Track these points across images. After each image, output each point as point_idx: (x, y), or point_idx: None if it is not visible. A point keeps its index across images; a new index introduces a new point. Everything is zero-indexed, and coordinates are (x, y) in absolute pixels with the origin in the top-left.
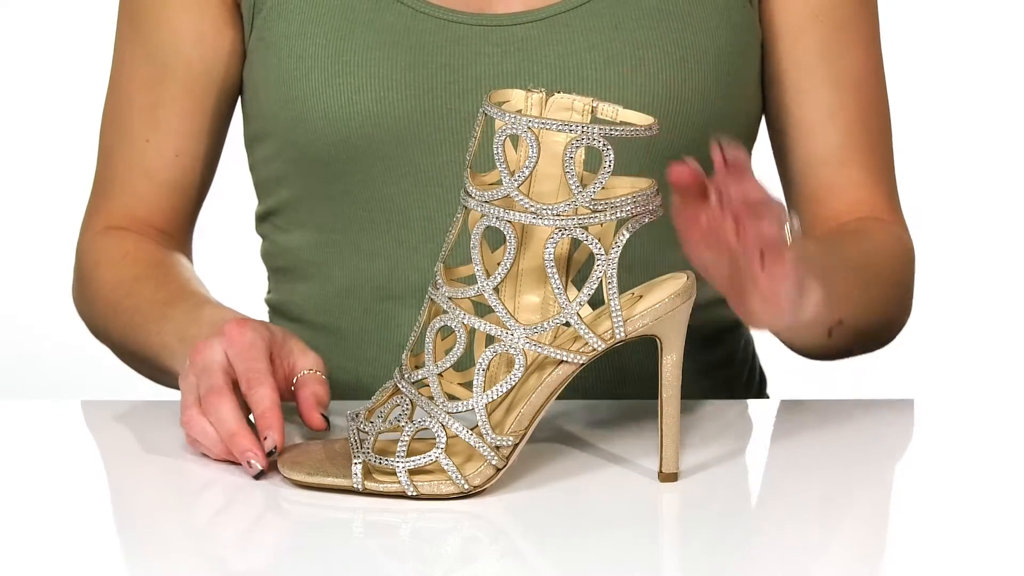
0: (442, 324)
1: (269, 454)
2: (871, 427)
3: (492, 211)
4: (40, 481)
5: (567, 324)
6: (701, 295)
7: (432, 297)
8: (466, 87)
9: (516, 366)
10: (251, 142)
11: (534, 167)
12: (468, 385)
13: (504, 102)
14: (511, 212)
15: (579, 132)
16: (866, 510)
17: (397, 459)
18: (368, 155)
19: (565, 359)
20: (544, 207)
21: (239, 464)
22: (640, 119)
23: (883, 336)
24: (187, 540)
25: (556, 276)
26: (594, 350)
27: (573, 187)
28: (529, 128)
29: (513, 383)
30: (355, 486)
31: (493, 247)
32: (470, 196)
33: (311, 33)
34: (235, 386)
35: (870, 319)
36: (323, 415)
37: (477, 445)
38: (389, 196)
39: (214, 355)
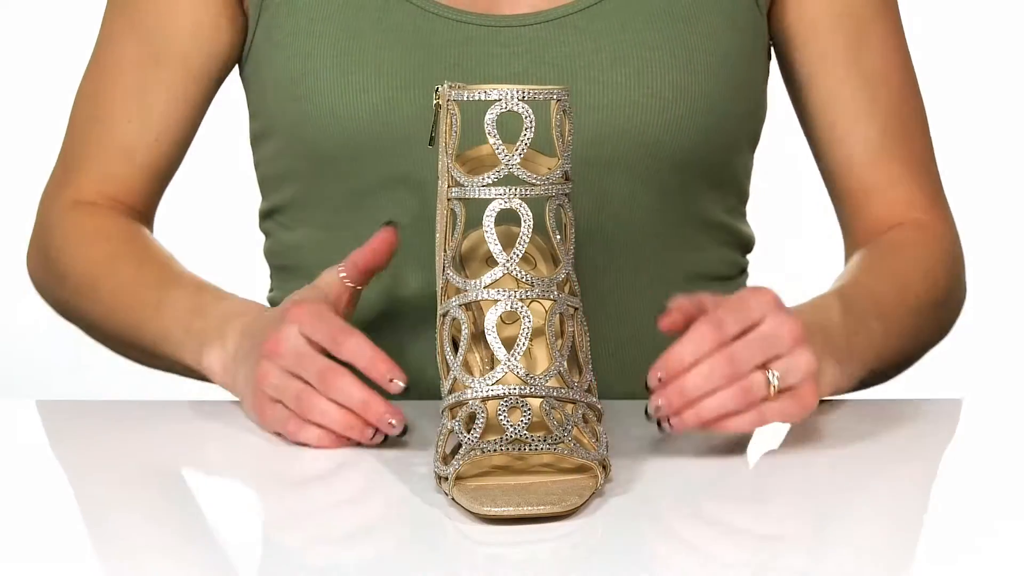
0: (561, 311)
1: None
2: (918, 426)
3: (501, 192)
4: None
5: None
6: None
7: (526, 297)
8: None
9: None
10: (256, 139)
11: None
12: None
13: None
14: (520, 188)
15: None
16: (904, 511)
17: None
18: (375, 154)
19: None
20: (541, 178)
21: (353, 445)
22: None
23: (925, 352)
24: (154, 542)
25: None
26: None
27: (561, 151)
28: (523, 101)
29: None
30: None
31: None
32: (462, 185)
33: (319, 31)
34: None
35: (911, 352)
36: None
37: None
38: (395, 195)
39: (297, 342)
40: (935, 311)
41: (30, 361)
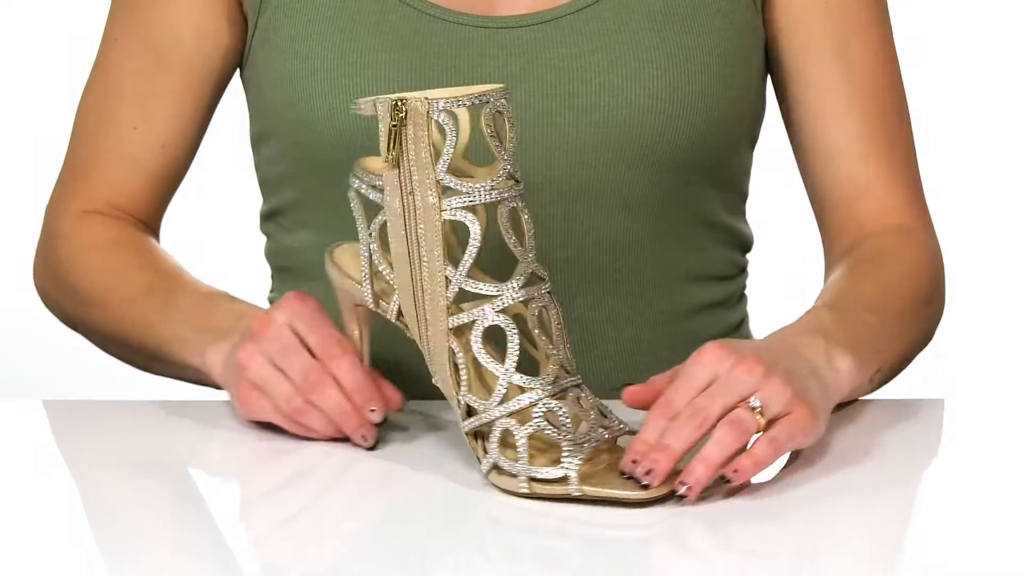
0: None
1: (379, 425)
2: (901, 427)
3: (507, 194)
4: (2, 483)
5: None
6: (704, 299)
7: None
8: None
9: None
10: (256, 141)
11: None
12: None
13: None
14: (515, 189)
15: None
16: (887, 510)
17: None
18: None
19: None
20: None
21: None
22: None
23: (915, 355)
24: (159, 542)
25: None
26: None
27: (500, 154)
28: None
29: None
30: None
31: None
32: (460, 192)
33: (316, 34)
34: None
35: (905, 353)
36: None
37: None
38: None
39: (283, 332)
40: (923, 312)
41: (33, 361)
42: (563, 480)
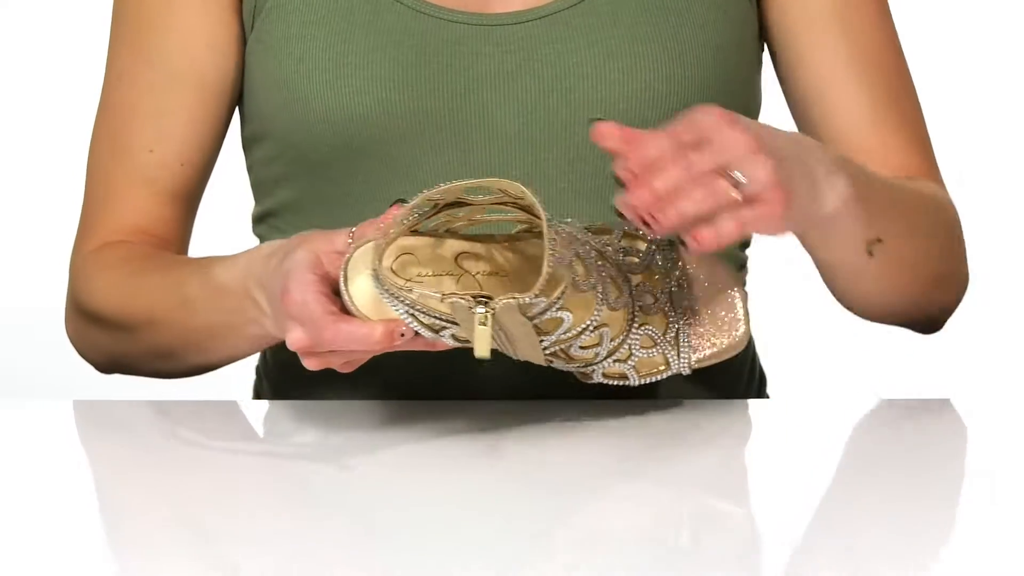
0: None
1: None
2: (908, 425)
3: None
4: (33, 483)
5: None
6: None
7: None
8: (467, 87)
9: None
10: (249, 143)
11: None
12: None
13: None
14: None
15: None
16: (876, 511)
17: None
18: (370, 157)
19: None
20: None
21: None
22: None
23: (932, 294)
24: (185, 541)
25: None
26: None
27: None
28: None
29: None
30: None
31: None
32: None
33: (311, 35)
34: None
35: (916, 252)
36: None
37: None
38: (391, 197)
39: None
40: (948, 255)
41: (62, 361)
42: None
